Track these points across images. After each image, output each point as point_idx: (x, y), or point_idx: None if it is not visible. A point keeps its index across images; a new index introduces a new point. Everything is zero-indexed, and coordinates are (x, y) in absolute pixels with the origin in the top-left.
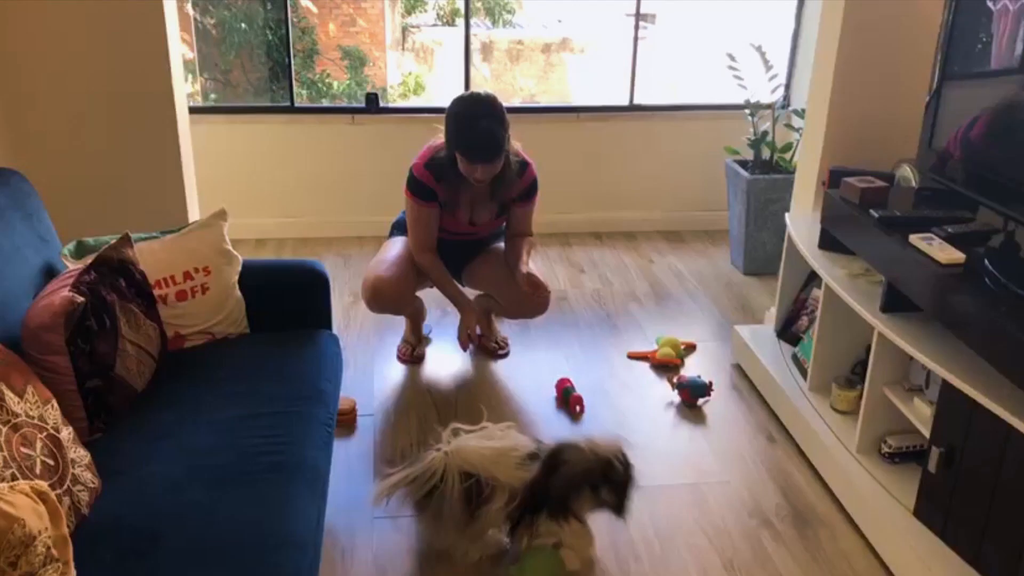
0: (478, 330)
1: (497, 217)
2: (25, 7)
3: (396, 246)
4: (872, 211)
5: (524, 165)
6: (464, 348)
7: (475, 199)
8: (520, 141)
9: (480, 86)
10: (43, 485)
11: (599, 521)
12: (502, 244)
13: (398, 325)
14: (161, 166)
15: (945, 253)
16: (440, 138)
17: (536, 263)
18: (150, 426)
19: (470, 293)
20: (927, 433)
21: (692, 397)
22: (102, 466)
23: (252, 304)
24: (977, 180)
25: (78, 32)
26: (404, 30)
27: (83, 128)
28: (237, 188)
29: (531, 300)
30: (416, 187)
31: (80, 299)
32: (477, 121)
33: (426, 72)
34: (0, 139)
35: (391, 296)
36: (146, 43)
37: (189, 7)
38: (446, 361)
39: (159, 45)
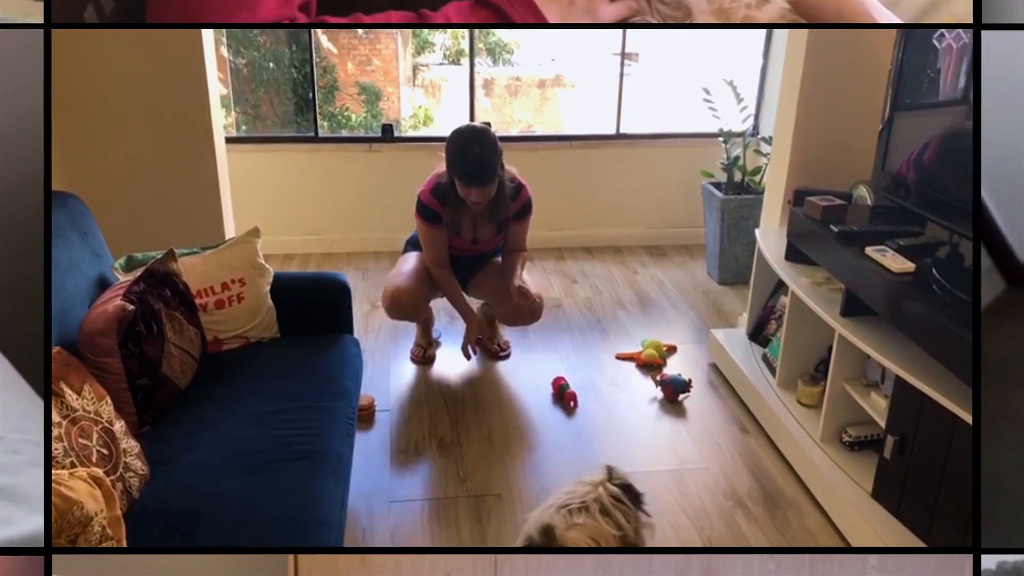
0: (480, 336)
1: (497, 234)
2: (85, 55)
3: (411, 261)
4: (832, 226)
5: (519, 188)
6: (467, 358)
7: (476, 219)
8: (517, 166)
9: (482, 118)
10: (98, 472)
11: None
12: (500, 258)
13: (411, 330)
14: (201, 189)
15: (897, 263)
16: (443, 166)
17: (533, 275)
18: (192, 420)
19: (475, 303)
20: (883, 423)
21: (674, 393)
22: (150, 455)
23: (282, 311)
24: (926, 199)
25: (130, 76)
26: (415, 68)
27: (133, 156)
28: (267, 209)
29: (522, 310)
30: (424, 212)
31: (130, 307)
32: (471, 150)
33: (434, 106)
34: (60, 167)
35: (408, 305)
36: (188, 83)
37: (224, 49)
38: (454, 362)
39: (199, 84)
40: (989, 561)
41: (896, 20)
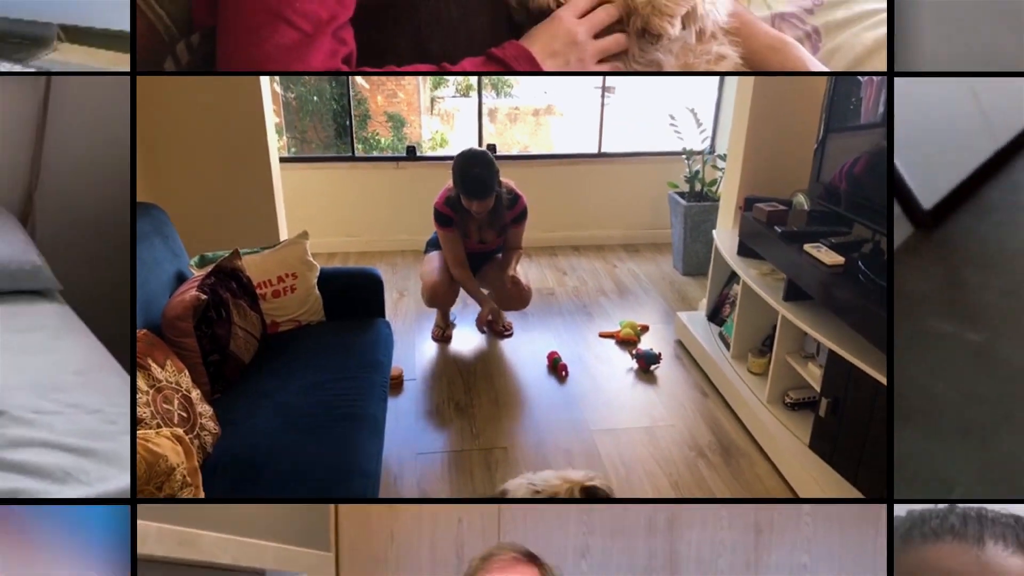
0: (490, 318)
1: (499, 236)
2: (166, 93)
3: (436, 260)
4: (776, 227)
5: (516, 198)
6: (480, 331)
7: (481, 225)
8: (516, 180)
9: (487, 140)
10: (179, 431)
11: (579, 455)
12: (502, 256)
13: (432, 314)
14: (260, 200)
15: (830, 258)
16: (452, 181)
17: (530, 270)
18: (254, 389)
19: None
20: (818, 388)
21: (646, 364)
22: (220, 418)
23: (327, 299)
24: (852, 204)
25: (201, 109)
26: (432, 100)
27: (204, 173)
28: (314, 216)
29: (512, 296)
30: (439, 218)
31: (203, 297)
32: (472, 171)
33: (449, 131)
34: (145, 182)
35: (442, 297)
36: (248, 114)
37: (276, 86)
38: (467, 340)
39: (257, 115)
40: (900, 509)
41: (825, 68)
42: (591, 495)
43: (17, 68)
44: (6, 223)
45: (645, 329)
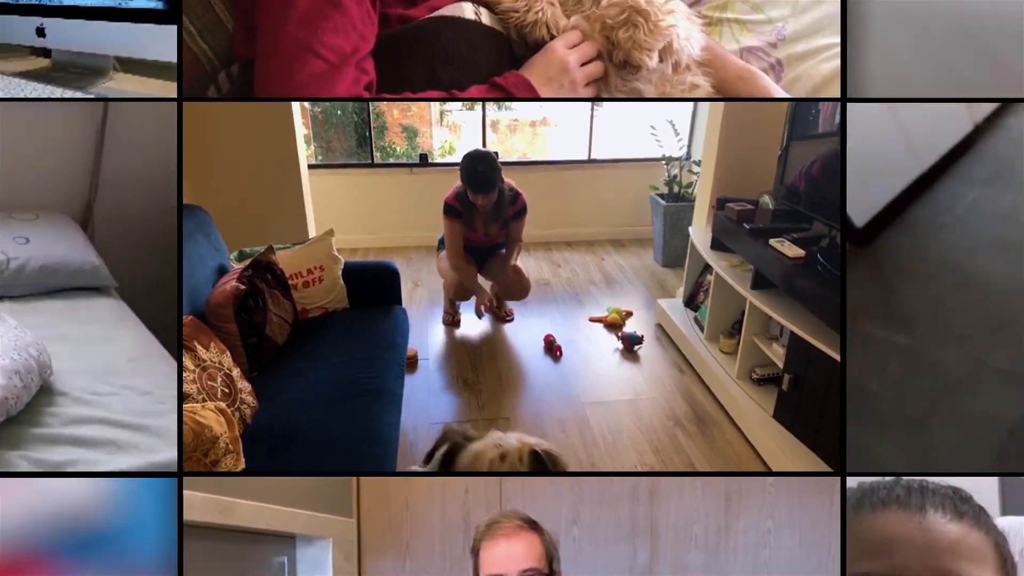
0: (494, 304)
1: (502, 230)
2: (210, 111)
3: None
4: (745, 224)
5: (517, 195)
6: (479, 316)
7: (486, 219)
8: (515, 181)
9: (489, 148)
10: (222, 405)
11: (571, 425)
12: (504, 251)
13: (442, 301)
14: (291, 202)
15: (792, 251)
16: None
17: (528, 263)
18: (287, 367)
19: (487, 284)
20: (781, 365)
21: (630, 345)
22: (258, 393)
23: (350, 289)
24: (811, 203)
25: (240, 123)
26: (441, 113)
27: (242, 179)
28: (338, 215)
29: (513, 286)
30: (448, 210)
31: (242, 287)
32: (477, 168)
33: (456, 140)
34: (191, 187)
35: (464, 291)
36: (281, 126)
37: (305, 102)
38: (472, 325)
39: (288, 127)
40: (852, 482)
41: (787, 95)
42: (536, 458)
43: (79, 95)
44: (69, 229)
45: (629, 314)
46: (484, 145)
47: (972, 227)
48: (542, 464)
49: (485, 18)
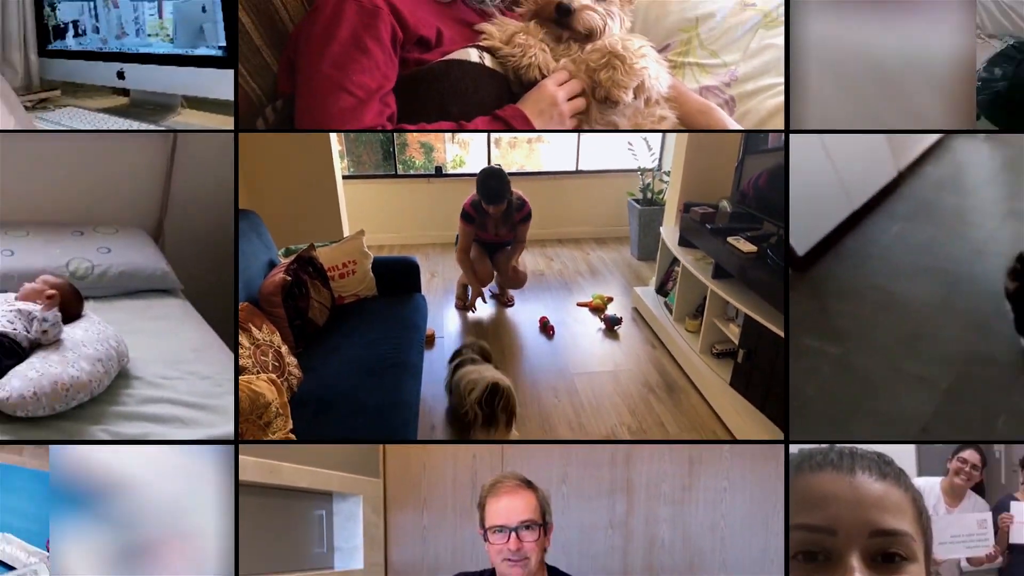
0: (495, 294)
1: (510, 231)
2: (262, 138)
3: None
4: (706, 225)
5: (523, 203)
6: (473, 310)
7: (496, 222)
8: (520, 190)
9: (494, 162)
10: (273, 376)
11: (563, 392)
12: (511, 247)
13: (454, 289)
14: (328, 207)
15: (746, 247)
16: (475, 191)
17: (524, 255)
18: (326, 345)
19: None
20: (737, 342)
21: (611, 325)
22: (302, 366)
23: (378, 279)
24: (762, 206)
25: (287, 144)
26: (451, 134)
27: (288, 187)
28: (368, 218)
29: (512, 280)
30: (465, 216)
31: (288, 279)
32: (488, 181)
33: (465, 155)
34: (245, 196)
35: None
36: (320, 144)
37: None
38: (480, 309)
39: (326, 145)
40: (794, 448)
41: (739, 126)
42: (493, 388)
43: (152, 128)
44: (143, 241)
45: (610, 300)
46: (489, 159)
47: (895, 256)
48: (495, 393)
49: (488, 61)
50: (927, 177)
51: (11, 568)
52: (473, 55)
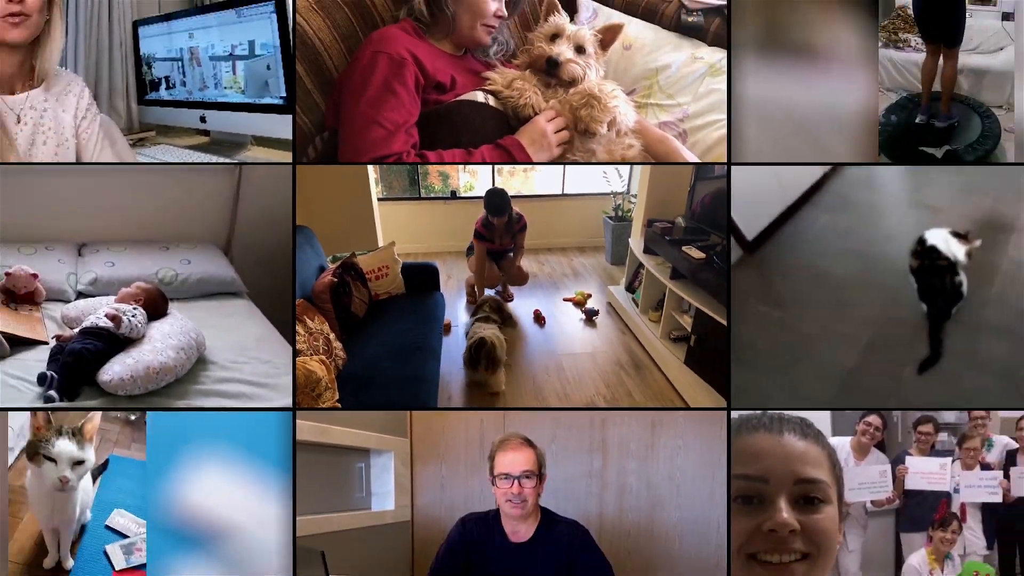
0: (501, 289)
1: (511, 240)
2: (310, 170)
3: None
4: (665, 237)
5: (520, 216)
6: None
7: (501, 233)
8: (518, 208)
9: (498, 185)
10: (323, 358)
11: (552, 368)
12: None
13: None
14: (366, 222)
15: (696, 254)
16: (484, 211)
17: (524, 261)
18: (365, 332)
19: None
20: (690, 329)
21: (590, 316)
22: (346, 349)
23: (406, 280)
24: (708, 222)
25: (335, 172)
26: (465, 162)
27: (334, 208)
28: (398, 231)
29: (515, 278)
30: (477, 234)
31: (335, 280)
32: (493, 199)
33: (475, 181)
34: (301, 214)
35: (488, 282)
36: (359, 173)
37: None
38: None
39: (364, 173)
40: (735, 414)
41: (692, 154)
42: (480, 342)
43: (226, 161)
44: (216, 254)
45: (589, 296)
46: (493, 183)
47: (823, 240)
48: (481, 346)
49: (491, 102)
50: (846, 178)
51: (124, 536)
52: (480, 97)
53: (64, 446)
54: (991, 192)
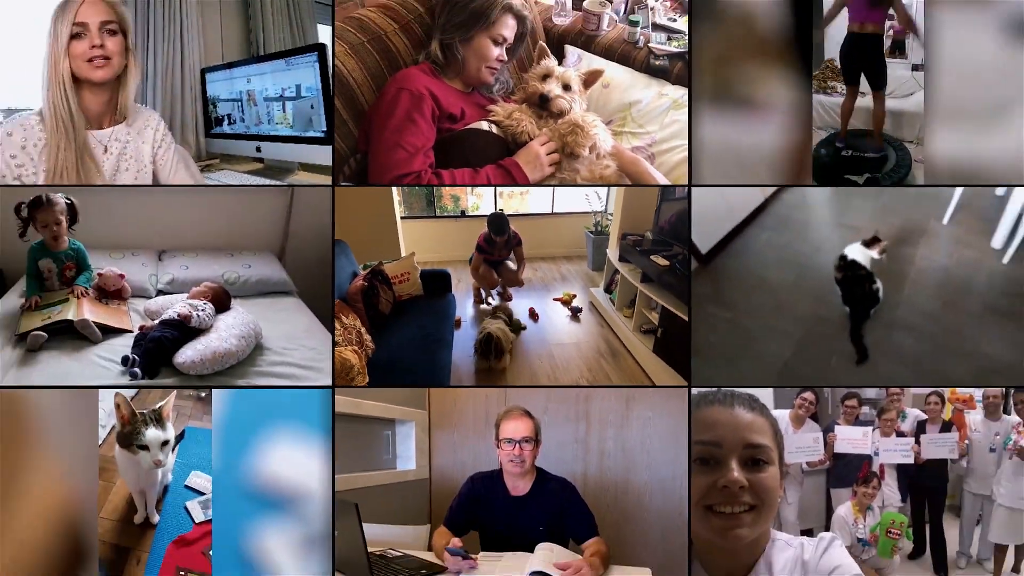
0: (502, 291)
1: (510, 252)
2: (346, 191)
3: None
4: (637, 248)
5: (515, 233)
6: (479, 301)
7: (500, 247)
8: (515, 225)
9: (499, 208)
10: (355, 348)
11: (544, 356)
12: (509, 262)
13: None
14: (391, 236)
15: (662, 261)
16: (486, 229)
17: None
18: (392, 327)
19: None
20: (657, 323)
21: (575, 313)
22: (375, 341)
23: (424, 284)
24: (672, 235)
25: (363, 196)
26: (472, 186)
27: (366, 224)
28: (416, 244)
29: (515, 281)
30: (479, 247)
31: (366, 284)
32: (496, 222)
33: (480, 202)
34: (339, 229)
35: (488, 284)
36: (385, 196)
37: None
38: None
39: (388, 196)
40: (695, 391)
41: (660, 175)
42: (488, 336)
43: (278, 183)
44: (271, 260)
45: (574, 296)
46: (496, 204)
47: (764, 253)
48: (488, 339)
49: (494, 129)
50: (784, 201)
51: (201, 493)
52: (485, 126)
53: (152, 434)
54: (902, 212)
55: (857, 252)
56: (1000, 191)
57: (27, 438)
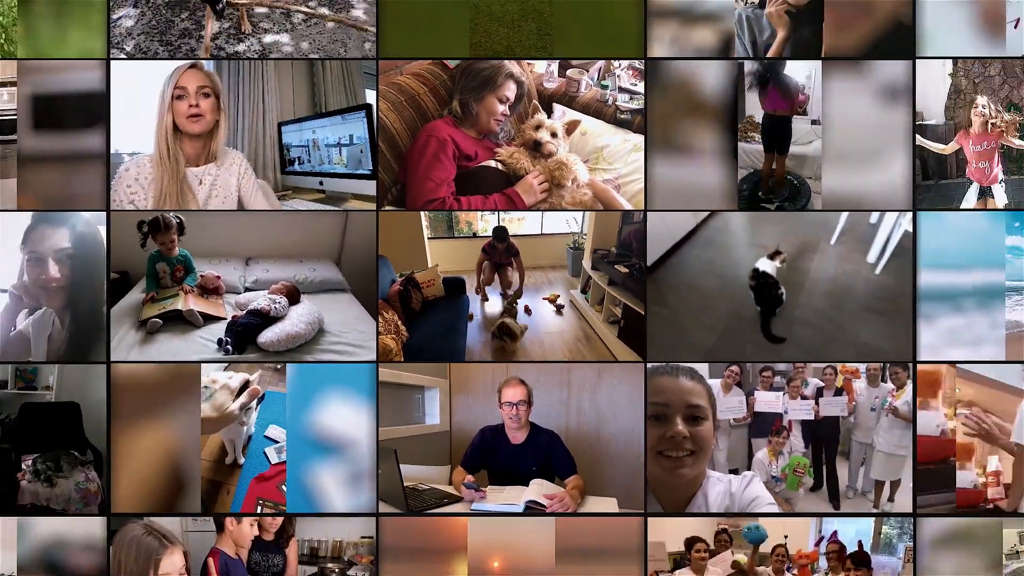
0: (501, 291)
1: (509, 258)
2: (388, 215)
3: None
4: (605, 259)
5: (513, 244)
6: (480, 296)
7: (501, 253)
8: (514, 240)
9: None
10: (393, 336)
11: (536, 343)
12: (509, 268)
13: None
14: (420, 252)
15: (624, 269)
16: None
17: (516, 276)
18: (420, 320)
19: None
20: (620, 316)
21: (559, 309)
22: (408, 330)
23: (445, 288)
24: (629, 250)
25: (400, 220)
26: (481, 213)
27: (402, 242)
28: (440, 257)
29: (507, 285)
30: (483, 250)
31: (401, 288)
32: (499, 232)
33: (488, 226)
34: (382, 246)
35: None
36: (416, 220)
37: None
38: (494, 301)
39: (418, 220)
40: (650, 365)
41: (626, 202)
42: (502, 325)
43: (336, 209)
44: (331, 266)
45: (559, 296)
46: (499, 223)
47: (696, 266)
48: (501, 328)
49: (499, 167)
50: (711, 226)
51: (277, 442)
52: (492, 164)
53: (250, 418)
54: (801, 232)
55: (766, 264)
56: (874, 218)
57: (146, 400)
